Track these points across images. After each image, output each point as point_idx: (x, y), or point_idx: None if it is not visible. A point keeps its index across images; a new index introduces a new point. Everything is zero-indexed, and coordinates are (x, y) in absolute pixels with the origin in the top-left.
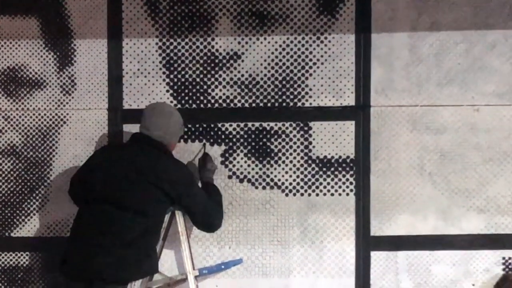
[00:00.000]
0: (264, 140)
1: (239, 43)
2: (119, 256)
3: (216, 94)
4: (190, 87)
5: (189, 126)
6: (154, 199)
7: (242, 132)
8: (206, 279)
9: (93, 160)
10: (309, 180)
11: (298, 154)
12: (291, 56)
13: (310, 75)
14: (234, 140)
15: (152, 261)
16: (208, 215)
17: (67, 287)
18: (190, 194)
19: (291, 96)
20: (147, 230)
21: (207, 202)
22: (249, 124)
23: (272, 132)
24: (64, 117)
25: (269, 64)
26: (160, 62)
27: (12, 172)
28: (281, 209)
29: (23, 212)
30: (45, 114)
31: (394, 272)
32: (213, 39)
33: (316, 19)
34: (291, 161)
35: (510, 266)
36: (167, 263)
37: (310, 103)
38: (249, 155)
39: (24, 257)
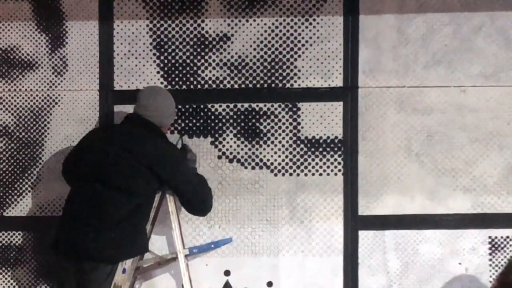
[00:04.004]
0: (253, 120)
1: (228, 25)
2: (109, 236)
3: (206, 75)
4: (180, 68)
5: (179, 107)
6: (143, 178)
7: (231, 113)
8: (196, 258)
9: (85, 141)
10: (298, 160)
11: (287, 134)
12: (280, 38)
13: (299, 56)
14: (224, 120)
15: (142, 240)
16: (198, 197)
17: (59, 266)
18: (179, 175)
19: (280, 77)
20: (137, 210)
21: (197, 184)
22: (239, 105)
23: (261, 113)
24: (56, 98)
25: (258, 45)
26: (151, 43)
27: (4, 153)
28: (270, 189)
29: (15, 191)
30: (37, 95)
31: (381, 251)
32: (203, 21)
33: (305, 1)
34: (280, 142)
35: (496, 245)
36: (157, 242)
37: (299, 84)
38: (238, 135)
39: (16, 236)
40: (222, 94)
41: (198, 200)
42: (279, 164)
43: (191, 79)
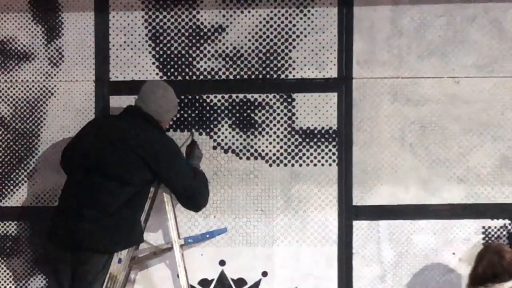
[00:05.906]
0: (248, 111)
1: (223, 16)
2: (105, 226)
3: (201, 66)
4: (175, 59)
5: None
6: (137, 169)
7: (226, 104)
8: (191, 247)
9: (83, 131)
10: (293, 150)
11: (282, 125)
12: (275, 29)
13: (294, 47)
14: (219, 111)
15: (137, 231)
16: (192, 192)
17: (55, 256)
18: (171, 167)
19: (275, 68)
20: (132, 200)
21: (191, 179)
22: (234, 95)
23: (256, 103)
24: (52, 89)
25: (253, 36)
26: (146, 35)
27: (0, 143)
28: (265, 179)
29: (12, 182)
30: (33, 86)
31: (376, 241)
32: (198, 12)
33: None
34: (274, 132)
35: (489, 235)
36: (153, 232)
37: (294, 75)
38: (233, 126)
39: (12, 226)
40: (217, 85)
41: (190, 195)
42: (274, 154)
43: (187, 70)
